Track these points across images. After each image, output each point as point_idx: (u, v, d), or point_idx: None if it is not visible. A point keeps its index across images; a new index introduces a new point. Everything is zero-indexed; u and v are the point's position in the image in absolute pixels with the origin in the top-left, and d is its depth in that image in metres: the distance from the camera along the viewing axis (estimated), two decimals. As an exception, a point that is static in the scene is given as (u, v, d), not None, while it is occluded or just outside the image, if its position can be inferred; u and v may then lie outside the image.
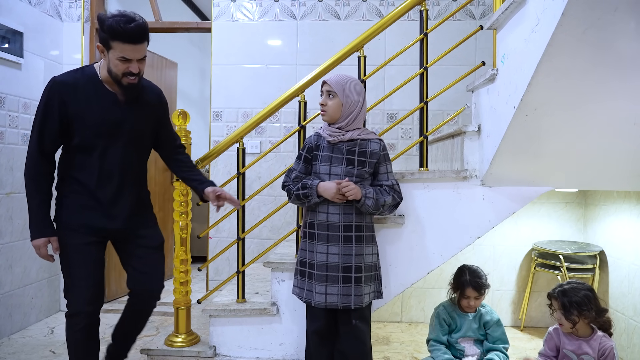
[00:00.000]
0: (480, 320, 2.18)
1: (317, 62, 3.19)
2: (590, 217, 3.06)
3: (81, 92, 1.75)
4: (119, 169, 1.81)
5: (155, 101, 1.96)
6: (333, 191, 1.79)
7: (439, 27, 2.39)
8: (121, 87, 1.76)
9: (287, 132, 3.38)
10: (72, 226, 1.79)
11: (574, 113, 1.62)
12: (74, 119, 1.74)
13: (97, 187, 1.78)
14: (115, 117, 1.79)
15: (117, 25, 1.63)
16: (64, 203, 1.81)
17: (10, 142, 2.89)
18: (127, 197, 1.85)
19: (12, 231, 2.92)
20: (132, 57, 1.70)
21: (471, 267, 2.23)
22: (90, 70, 1.80)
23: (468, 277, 2.17)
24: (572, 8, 1.22)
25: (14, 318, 2.93)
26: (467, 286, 2.15)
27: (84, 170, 1.79)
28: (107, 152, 1.79)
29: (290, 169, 1.97)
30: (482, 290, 2.15)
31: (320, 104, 1.86)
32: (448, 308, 2.23)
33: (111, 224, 1.82)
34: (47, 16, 3.22)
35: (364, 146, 1.87)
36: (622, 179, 2.11)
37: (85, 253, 1.79)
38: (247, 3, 3.46)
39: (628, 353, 2.56)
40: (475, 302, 2.17)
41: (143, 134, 1.90)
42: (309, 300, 1.85)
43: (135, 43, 1.68)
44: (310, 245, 1.87)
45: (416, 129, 3.39)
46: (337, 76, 1.86)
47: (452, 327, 2.20)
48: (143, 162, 1.96)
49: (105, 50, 1.70)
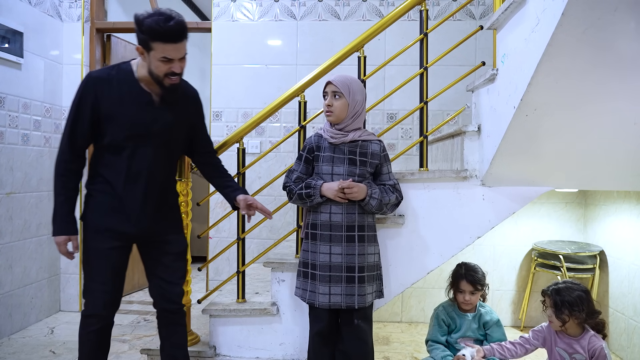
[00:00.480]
0: (480, 321, 2.18)
1: (317, 62, 3.19)
2: (590, 217, 3.06)
3: (115, 89, 1.71)
4: (146, 172, 1.76)
5: (191, 103, 1.90)
6: (335, 189, 1.79)
7: (439, 27, 2.39)
8: (163, 88, 1.71)
9: (287, 132, 3.38)
10: (97, 229, 1.76)
11: (574, 113, 1.62)
12: (106, 116, 1.70)
13: (124, 188, 1.74)
14: (148, 118, 1.73)
15: (156, 25, 1.58)
16: (91, 203, 1.78)
17: (10, 142, 2.89)
18: (154, 201, 1.80)
19: (12, 231, 2.92)
20: (174, 56, 1.65)
21: (468, 263, 2.22)
22: (126, 67, 1.75)
23: (463, 271, 2.16)
24: (572, 8, 1.22)
25: (14, 318, 2.93)
26: (461, 279, 2.14)
27: (112, 170, 1.74)
28: (136, 154, 1.74)
29: (291, 169, 1.96)
30: (477, 285, 2.14)
31: (327, 105, 1.85)
32: (447, 308, 2.22)
33: (136, 228, 1.78)
34: (47, 16, 3.22)
35: (365, 147, 1.88)
36: (622, 179, 2.11)
37: (108, 258, 1.76)
38: (247, 3, 3.46)
39: (628, 353, 2.56)
40: (471, 297, 2.14)
41: (175, 137, 1.84)
42: (312, 302, 1.85)
43: (176, 42, 1.63)
44: (313, 246, 1.87)
45: (416, 129, 3.39)
46: (342, 76, 1.85)
47: (451, 328, 2.20)
48: (172, 166, 1.91)
49: (145, 52, 1.65)
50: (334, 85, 1.83)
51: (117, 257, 1.79)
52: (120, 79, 1.72)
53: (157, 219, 1.82)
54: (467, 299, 2.15)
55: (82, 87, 1.71)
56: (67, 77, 3.38)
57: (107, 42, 3.53)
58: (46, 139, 3.21)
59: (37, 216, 3.12)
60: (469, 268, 2.18)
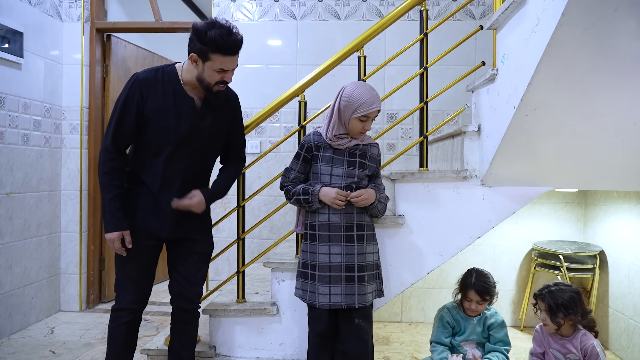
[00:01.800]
0: (485, 324, 2.16)
1: (317, 62, 3.19)
2: (590, 217, 3.06)
3: (160, 91, 1.75)
4: (182, 176, 1.80)
5: (232, 108, 1.93)
6: (332, 197, 1.80)
7: (439, 27, 2.39)
8: (210, 94, 1.76)
9: (287, 132, 3.38)
10: (131, 227, 1.79)
11: (574, 113, 1.62)
12: (149, 117, 1.75)
13: (160, 190, 1.79)
14: (188, 122, 1.77)
15: (220, 38, 1.63)
16: (127, 202, 1.82)
17: (10, 142, 2.89)
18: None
19: (12, 231, 2.92)
20: (230, 67, 1.71)
21: (481, 271, 2.16)
22: (171, 70, 1.79)
23: (473, 280, 2.11)
24: (572, 8, 1.22)
25: (14, 318, 2.93)
26: (470, 288, 2.11)
27: (149, 171, 1.79)
28: (174, 157, 1.78)
29: (287, 168, 1.95)
30: (485, 296, 2.09)
31: (367, 129, 1.84)
32: (452, 311, 2.20)
33: (168, 229, 1.83)
34: (47, 16, 3.22)
35: (365, 150, 1.90)
36: (622, 179, 2.11)
37: (139, 256, 1.82)
38: (247, 3, 3.46)
39: (628, 353, 2.56)
40: (478, 306, 2.11)
41: (212, 141, 1.87)
42: (312, 302, 1.85)
43: (234, 54, 1.69)
44: (312, 247, 1.87)
45: (416, 129, 3.39)
46: (379, 98, 1.83)
47: (455, 330, 2.18)
48: (208, 170, 1.94)
49: (200, 61, 1.69)
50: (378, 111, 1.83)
51: (148, 255, 1.85)
52: (166, 82, 1.76)
53: (188, 219, 1.86)
54: (473, 308, 2.12)
55: (129, 88, 1.74)
56: (67, 77, 3.37)
57: (107, 42, 3.53)
58: (46, 139, 3.21)
59: (37, 216, 3.12)
60: (479, 277, 2.12)
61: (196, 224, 1.91)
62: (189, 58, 1.72)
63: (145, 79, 1.74)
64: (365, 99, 1.77)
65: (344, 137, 1.86)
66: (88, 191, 3.43)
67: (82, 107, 3.37)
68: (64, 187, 3.36)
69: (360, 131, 1.83)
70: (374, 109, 1.78)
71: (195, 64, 1.72)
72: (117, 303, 1.86)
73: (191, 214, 1.84)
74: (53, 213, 3.28)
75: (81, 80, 3.38)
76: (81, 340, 2.81)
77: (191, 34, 1.69)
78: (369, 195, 1.83)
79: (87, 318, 3.22)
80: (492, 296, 2.12)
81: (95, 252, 3.47)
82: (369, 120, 1.82)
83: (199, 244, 1.93)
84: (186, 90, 1.78)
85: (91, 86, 3.42)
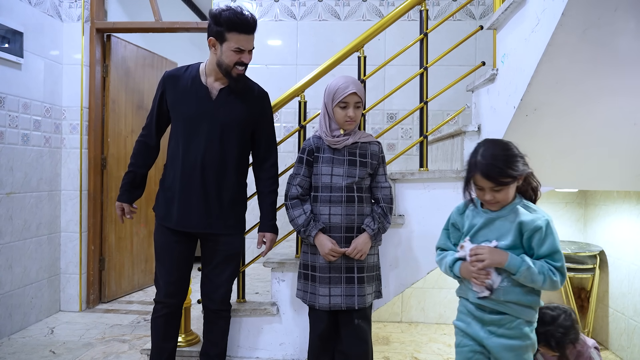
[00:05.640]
0: (521, 229, 1.42)
1: (317, 62, 3.18)
2: (590, 217, 3.06)
3: (180, 84, 1.86)
4: (200, 166, 1.82)
5: (256, 102, 1.93)
6: (326, 252, 1.80)
7: (439, 27, 2.39)
8: (230, 79, 1.82)
9: (287, 132, 3.38)
10: (161, 221, 1.89)
11: (574, 113, 1.62)
12: (171, 108, 1.89)
13: (180, 182, 1.84)
14: (202, 109, 1.83)
15: (234, 16, 1.72)
16: (158, 195, 1.93)
17: (10, 142, 2.89)
18: (207, 197, 1.84)
19: (12, 231, 2.92)
20: (246, 47, 1.78)
21: (493, 142, 1.47)
22: (195, 65, 1.91)
23: (478, 157, 1.42)
24: (572, 8, 1.23)
25: (14, 318, 2.93)
26: (474, 171, 1.42)
27: (173, 162, 1.88)
28: (190, 146, 1.83)
29: (292, 175, 1.94)
30: (500, 179, 1.38)
31: (350, 117, 1.81)
32: (462, 208, 1.58)
33: (189, 224, 1.85)
34: (47, 16, 3.22)
35: (364, 148, 1.89)
36: (622, 179, 2.11)
37: (169, 251, 1.88)
38: (247, 3, 3.46)
39: (628, 353, 2.56)
40: (496, 195, 1.41)
41: (229, 132, 1.85)
42: (312, 303, 1.85)
43: (249, 33, 1.78)
44: (312, 248, 1.87)
45: (416, 129, 3.39)
46: (359, 84, 1.84)
47: (468, 228, 1.53)
48: (229, 163, 1.88)
49: (218, 43, 1.77)
50: (358, 96, 1.82)
51: (178, 250, 1.89)
52: (187, 75, 1.88)
53: (210, 216, 1.86)
54: (487, 198, 1.43)
55: (159, 83, 1.92)
56: (67, 77, 3.37)
57: (107, 42, 3.53)
58: (46, 139, 3.21)
59: (37, 216, 3.12)
60: (487, 151, 1.42)
61: (224, 222, 1.89)
62: (208, 45, 1.80)
63: (169, 74, 1.90)
64: (340, 84, 1.81)
65: (340, 135, 1.86)
66: (88, 191, 3.43)
67: (82, 107, 3.37)
68: (64, 187, 3.36)
69: (346, 120, 1.82)
70: (349, 91, 1.79)
71: (214, 49, 1.80)
72: (155, 296, 1.95)
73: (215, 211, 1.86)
74: (53, 213, 3.28)
75: (81, 80, 3.37)
76: (81, 340, 2.81)
77: (208, 21, 1.78)
78: (363, 247, 1.81)
79: (87, 318, 3.22)
80: (513, 177, 1.38)
81: (95, 252, 3.46)
82: (348, 105, 1.81)
83: (223, 244, 1.92)
84: (202, 80, 1.86)
85: (91, 86, 3.42)
